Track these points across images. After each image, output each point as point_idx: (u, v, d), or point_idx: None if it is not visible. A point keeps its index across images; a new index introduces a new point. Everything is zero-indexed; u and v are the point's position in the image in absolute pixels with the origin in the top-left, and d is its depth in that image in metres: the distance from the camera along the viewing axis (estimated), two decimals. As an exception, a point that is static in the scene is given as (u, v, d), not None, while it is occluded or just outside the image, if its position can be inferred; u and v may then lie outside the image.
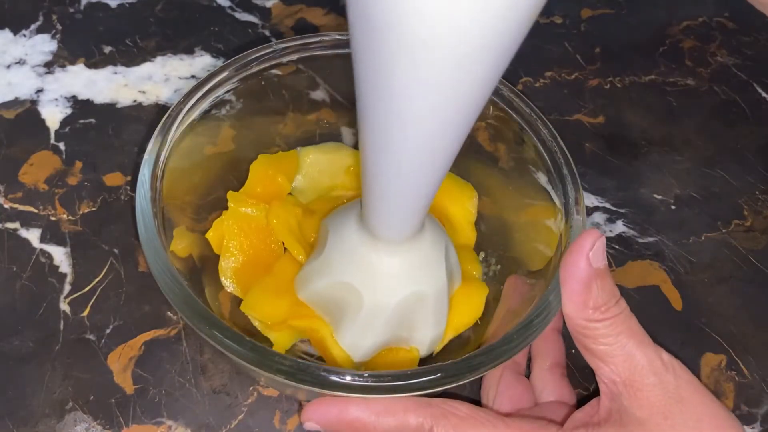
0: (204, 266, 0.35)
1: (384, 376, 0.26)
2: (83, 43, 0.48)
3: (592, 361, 0.28)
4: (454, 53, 0.19)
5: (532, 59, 0.50)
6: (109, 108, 0.45)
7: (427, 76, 0.19)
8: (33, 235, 0.39)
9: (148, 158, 0.31)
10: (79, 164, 0.42)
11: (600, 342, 0.27)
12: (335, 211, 0.35)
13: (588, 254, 0.26)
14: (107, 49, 0.48)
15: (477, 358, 0.27)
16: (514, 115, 0.35)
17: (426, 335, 0.33)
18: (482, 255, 0.38)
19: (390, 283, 0.31)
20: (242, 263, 0.35)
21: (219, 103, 0.35)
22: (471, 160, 0.39)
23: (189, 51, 0.49)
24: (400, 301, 0.31)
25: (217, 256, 0.35)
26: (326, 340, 0.32)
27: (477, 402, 0.33)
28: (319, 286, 0.32)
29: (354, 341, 0.32)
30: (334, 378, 0.25)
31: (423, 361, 0.34)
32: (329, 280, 0.32)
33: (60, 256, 0.38)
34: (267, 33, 0.50)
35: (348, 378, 0.26)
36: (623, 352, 0.26)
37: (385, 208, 0.28)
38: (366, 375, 0.26)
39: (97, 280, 0.37)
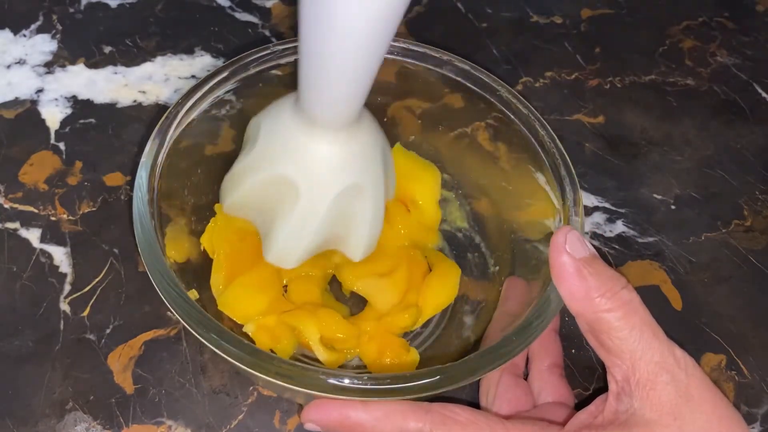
0: (202, 268, 0.35)
1: (382, 379, 0.26)
2: (83, 43, 0.48)
3: (607, 358, 0.27)
4: None
5: (532, 59, 0.50)
6: (109, 108, 0.45)
7: None
8: (33, 235, 0.39)
9: (144, 161, 0.31)
10: (79, 164, 0.42)
11: (614, 336, 0.26)
12: (265, 108, 0.32)
13: (565, 248, 0.27)
14: (107, 49, 0.48)
15: (476, 361, 0.27)
16: (513, 117, 0.35)
17: (363, 234, 0.32)
18: (477, 253, 0.38)
19: (329, 173, 0.29)
20: (230, 272, 0.34)
21: (219, 103, 0.35)
22: (471, 159, 0.39)
23: (189, 51, 0.49)
24: (339, 194, 0.29)
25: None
26: (311, 343, 0.32)
27: (476, 404, 0.33)
28: (250, 184, 0.31)
29: (290, 241, 0.31)
30: (332, 381, 0.25)
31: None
32: (262, 174, 0.30)
33: (60, 256, 0.38)
34: (267, 33, 0.50)
35: (346, 381, 0.25)
36: (638, 346, 0.26)
37: (323, 83, 0.27)
38: (365, 378, 0.26)
39: (97, 280, 0.37)
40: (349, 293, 0.37)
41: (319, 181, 0.29)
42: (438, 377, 0.26)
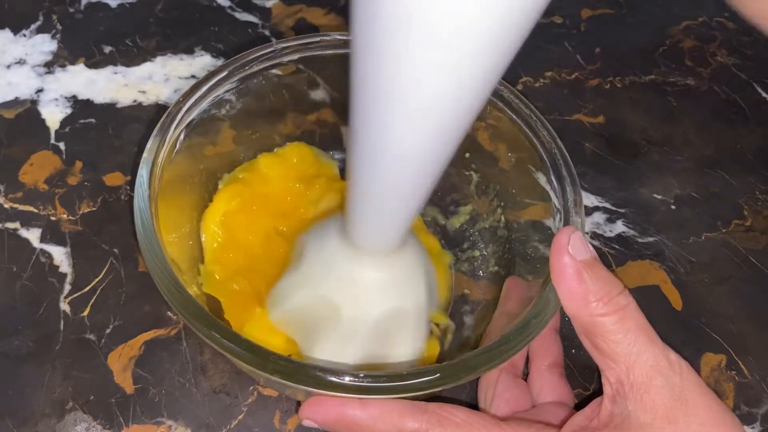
0: (202, 263, 0.35)
1: (381, 377, 0.26)
2: (83, 43, 0.48)
3: (601, 360, 0.27)
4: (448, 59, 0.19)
5: (532, 59, 0.50)
6: (109, 108, 0.45)
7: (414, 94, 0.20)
8: (33, 235, 0.39)
9: (146, 157, 0.31)
10: (79, 164, 0.42)
11: (610, 339, 0.26)
12: (311, 227, 0.34)
13: (567, 249, 0.27)
14: (107, 49, 0.48)
15: (474, 359, 0.27)
16: (514, 116, 0.35)
17: (405, 353, 0.32)
18: (477, 253, 0.38)
19: (370, 297, 0.30)
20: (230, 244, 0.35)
21: (219, 103, 0.35)
22: (471, 159, 0.39)
23: (189, 51, 0.49)
24: (380, 316, 0.31)
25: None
26: None
27: (474, 405, 0.33)
28: (295, 301, 0.32)
29: (331, 360, 0.31)
30: (331, 378, 0.25)
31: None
32: (306, 293, 0.31)
33: (60, 256, 0.38)
34: (267, 33, 0.50)
35: (346, 378, 0.25)
36: (633, 350, 0.26)
37: (373, 219, 0.28)
38: (362, 375, 0.26)
39: (97, 280, 0.37)
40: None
41: (361, 304, 0.30)
42: (437, 375, 0.26)
